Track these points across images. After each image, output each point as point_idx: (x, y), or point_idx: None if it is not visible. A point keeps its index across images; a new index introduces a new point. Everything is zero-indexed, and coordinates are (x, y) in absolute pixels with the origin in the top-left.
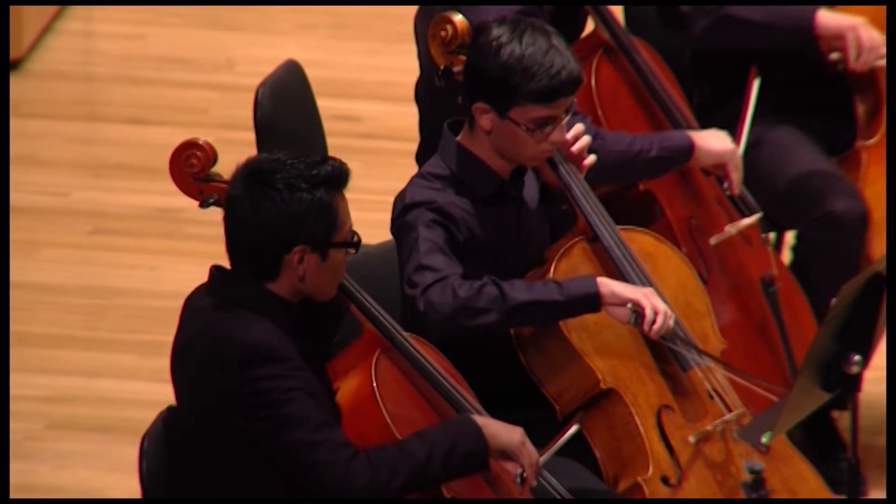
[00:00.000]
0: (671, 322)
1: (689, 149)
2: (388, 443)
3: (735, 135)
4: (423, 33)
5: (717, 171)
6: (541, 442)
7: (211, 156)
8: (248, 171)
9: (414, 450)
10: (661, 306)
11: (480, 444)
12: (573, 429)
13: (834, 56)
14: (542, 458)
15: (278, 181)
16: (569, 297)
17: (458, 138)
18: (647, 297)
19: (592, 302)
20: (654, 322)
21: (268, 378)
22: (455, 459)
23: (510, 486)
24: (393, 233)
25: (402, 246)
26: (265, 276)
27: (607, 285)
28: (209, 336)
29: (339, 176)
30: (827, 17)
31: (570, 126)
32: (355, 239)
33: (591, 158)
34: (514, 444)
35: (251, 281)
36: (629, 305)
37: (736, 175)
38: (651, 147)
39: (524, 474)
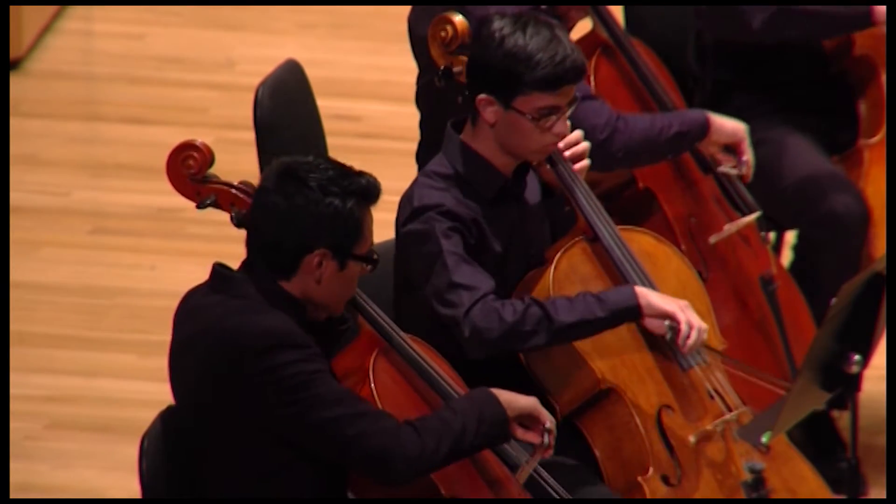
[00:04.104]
0: (705, 336)
1: (705, 124)
2: None
3: None
4: (421, 33)
5: (723, 155)
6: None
7: (208, 157)
8: (282, 168)
9: (450, 419)
10: (696, 321)
11: (501, 412)
12: (534, 459)
13: None
14: (521, 478)
15: (311, 180)
16: (611, 313)
17: (462, 136)
18: (684, 312)
19: (633, 314)
20: (688, 337)
21: (291, 363)
22: (483, 428)
23: (509, 487)
24: (402, 235)
25: (420, 255)
26: (281, 273)
27: (645, 297)
28: (219, 330)
29: (371, 191)
30: (883, 7)
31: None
32: (374, 257)
33: (585, 163)
34: (532, 406)
35: (265, 277)
36: (667, 323)
37: (750, 154)
38: (671, 124)
39: (549, 428)
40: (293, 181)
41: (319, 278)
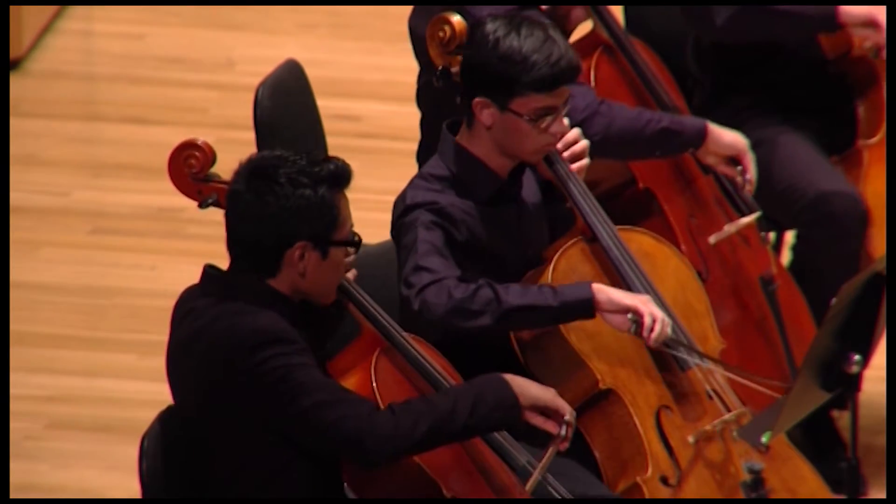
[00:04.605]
0: (668, 329)
1: (703, 131)
2: None
3: None
4: (422, 33)
5: (725, 167)
6: (540, 443)
7: (209, 156)
8: (251, 167)
9: (437, 401)
10: (659, 313)
11: (509, 395)
12: (550, 451)
13: (867, 45)
14: (531, 483)
15: (281, 176)
16: (562, 303)
17: (457, 138)
18: (645, 305)
19: (586, 308)
20: (652, 329)
21: (277, 356)
22: (482, 409)
23: (510, 488)
24: (393, 235)
25: (401, 246)
26: (266, 271)
27: (604, 292)
28: (214, 331)
29: (341, 175)
30: (850, 7)
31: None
32: (356, 238)
33: (584, 162)
34: (550, 396)
35: (252, 277)
36: (630, 315)
37: (753, 171)
38: (661, 119)
39: (568, 420)
40: (262, 179)
41: (303, 271)
